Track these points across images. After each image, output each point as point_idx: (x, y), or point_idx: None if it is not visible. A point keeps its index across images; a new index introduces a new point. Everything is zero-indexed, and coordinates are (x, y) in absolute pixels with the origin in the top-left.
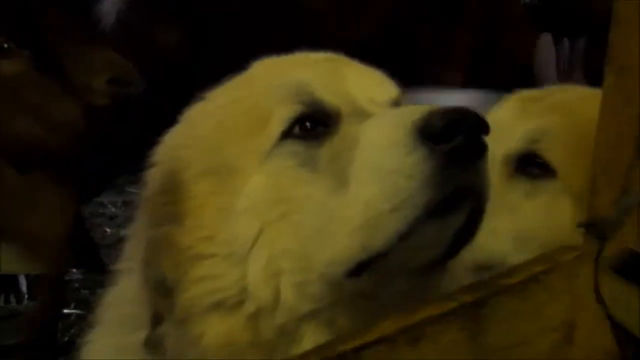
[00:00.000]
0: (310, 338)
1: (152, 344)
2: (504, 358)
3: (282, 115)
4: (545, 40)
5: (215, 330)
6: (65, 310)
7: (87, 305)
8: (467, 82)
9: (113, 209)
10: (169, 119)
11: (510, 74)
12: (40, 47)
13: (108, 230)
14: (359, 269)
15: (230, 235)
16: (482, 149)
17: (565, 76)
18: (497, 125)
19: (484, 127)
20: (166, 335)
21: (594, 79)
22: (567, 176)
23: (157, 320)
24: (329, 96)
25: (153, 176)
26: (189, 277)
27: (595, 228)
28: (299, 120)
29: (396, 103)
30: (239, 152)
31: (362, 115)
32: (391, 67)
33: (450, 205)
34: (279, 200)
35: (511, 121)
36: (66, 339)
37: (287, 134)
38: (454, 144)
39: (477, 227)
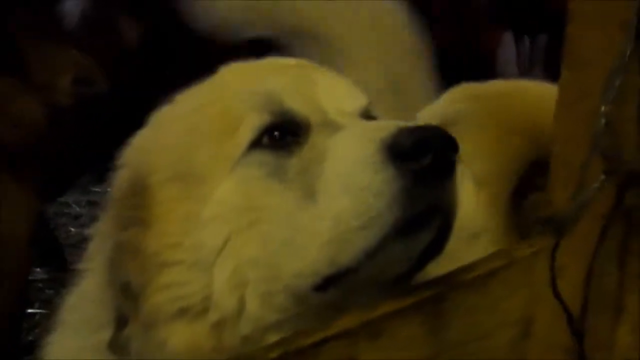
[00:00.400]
0: None
1: (117, 346)
2: (464, 352)
3: (251, 124)
4: (507, 38)
5: (180, 337)
6: (29, 310)
7: (52, 305)
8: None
9: (77, 209)
10: (135, 118)
11: (473, 72)
12: (3, 46)
13: (72, 229)
14: (326, 283)
15: (196, 243)
16: (451, 167)
17: (526, 73)
18: (430, 114)
19: (453, 146)
20: (131, 337)
21: (554, 75)
22: (468, 159)
23: (121, 322)
24: (298, 106)
25: (120, 178)
26: (155, 284)
27: (552, 223)
28: (267, 130)
29: (365, 112)
30: (207, 159)
31: (332, 126)
32: None
33: (418, 223)
34: (247, 208)
35: (438, 110)
36: (30, 338)
37: (255, 144)
38: (422, 163)
39: (445, 243)
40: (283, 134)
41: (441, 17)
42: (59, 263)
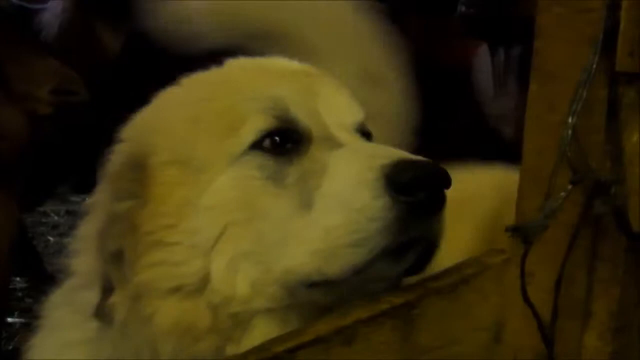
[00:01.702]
0: (262, 330)
1: (102, 314)
2: (436, 357)
3: (256, 125)
4: (483, 49)
5: (168, 313)
6: (9, 319)
7: (31, 314)
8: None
9: (56, 218)
10: (114, 128)
11: (449, 84)
12: None
13: (51, 238)
14: (312, 285)
15: (194, 227)
16: (442, 203)
17: (501, 83)
18: None
19: (447, 182)
20: (116, 306)
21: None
22: None
23: (107, 290)
24: (302, 115)
25: (119, 152)
26: (147, 260)
27: (521, 232)
28: (270, 134)
29: (361, 126)
30: (209, 150)
31: (332, 140)
32: None
33: (405, 248)
34: (244, 204)
35: None
36: (10, 347)
37: (256, 145)
38: (417, 198)
39: (427, 265)
40: (284, 140)
41: (415, 27)
42: (37, 272)
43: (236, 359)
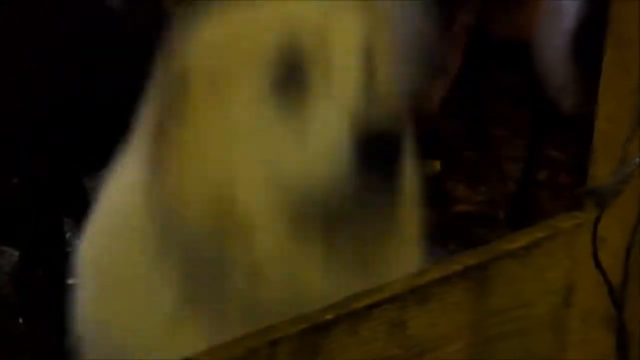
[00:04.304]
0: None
1: None
2: (506, 318)
3: None
4: (547, 18)
5: None
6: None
7: None
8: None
9: None
10: None
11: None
12: None
13: None
14: None
15: None
16: None
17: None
18: None
19: None
20: None
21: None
22: None
23: None
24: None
25: None
26: None
27: (595, 196)
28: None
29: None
30: None
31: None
32: None
33: None
34: None
35: None
36: None
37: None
38: None
39: None
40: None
41: None
42: None
43: (316, 314)
